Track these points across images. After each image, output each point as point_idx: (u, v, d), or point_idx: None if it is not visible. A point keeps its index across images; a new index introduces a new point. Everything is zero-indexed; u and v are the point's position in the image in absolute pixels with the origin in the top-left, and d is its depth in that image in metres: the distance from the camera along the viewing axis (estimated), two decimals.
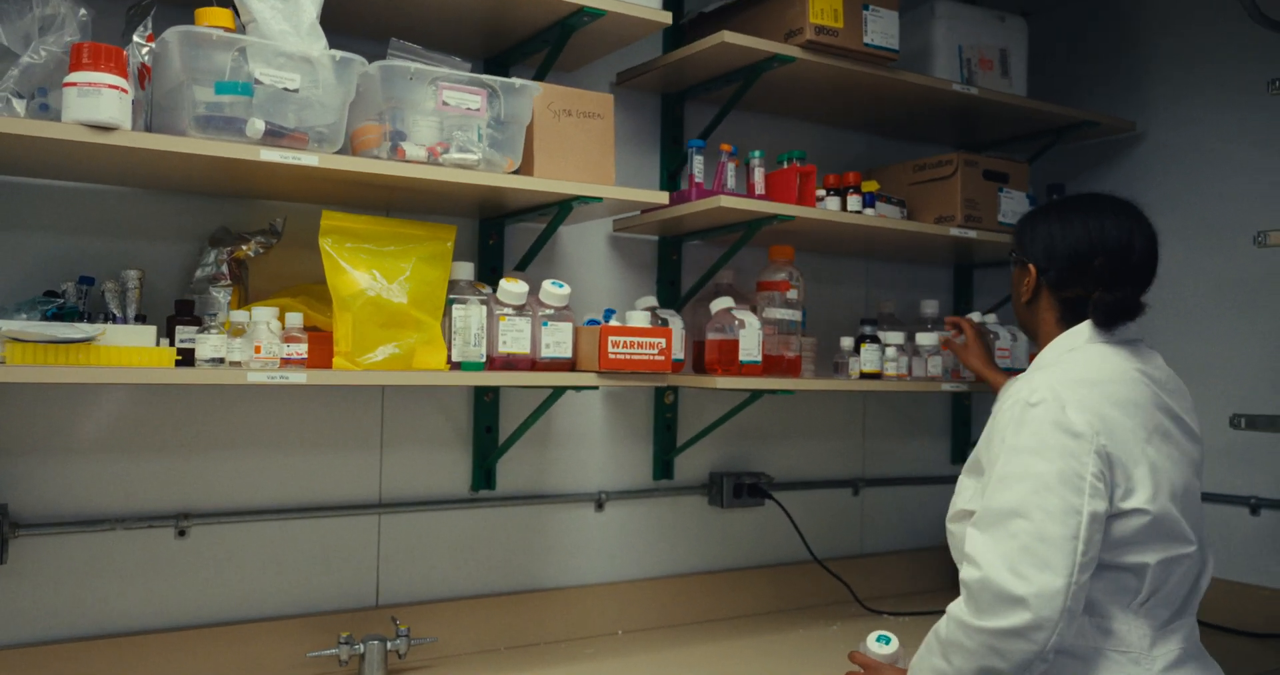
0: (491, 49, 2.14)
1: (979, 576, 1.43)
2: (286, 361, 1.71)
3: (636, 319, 2.00)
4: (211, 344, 1.66)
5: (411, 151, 1.74)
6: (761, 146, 2.44)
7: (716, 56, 2.17)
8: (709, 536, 2.56)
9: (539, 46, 2.07)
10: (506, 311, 1.90)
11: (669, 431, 2.47)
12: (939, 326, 2.58)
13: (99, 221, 1.85)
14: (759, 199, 2.17)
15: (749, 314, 2.20)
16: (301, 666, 1.97)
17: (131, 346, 1.60)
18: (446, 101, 1.75)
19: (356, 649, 1.95)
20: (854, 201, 2.35)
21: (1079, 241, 1.62)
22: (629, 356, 1.93)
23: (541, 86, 1.85)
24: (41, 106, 1.52)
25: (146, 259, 1.87)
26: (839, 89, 2.42)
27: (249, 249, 1.84)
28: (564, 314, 1.95)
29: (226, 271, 1.82)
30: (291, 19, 1.62)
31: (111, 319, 1.72)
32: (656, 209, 2.20)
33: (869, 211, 2.36)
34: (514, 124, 1.83)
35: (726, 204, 2.04)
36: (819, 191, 2.35)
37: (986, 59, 2.65)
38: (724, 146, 2.22)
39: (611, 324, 1.94)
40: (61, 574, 1.82)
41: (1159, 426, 1.55)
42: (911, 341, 2.48)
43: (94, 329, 1.58)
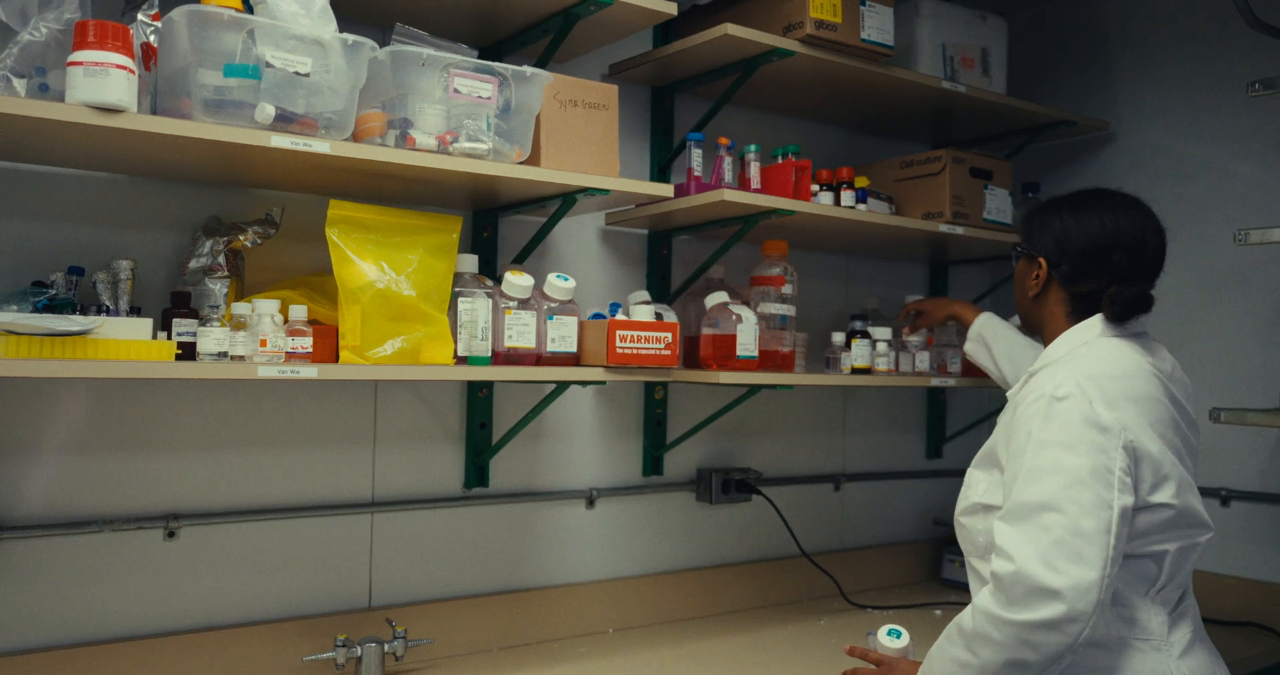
0: (486, 38, 2.09)
1: (1012, 570, 1.42)
2: (291, 355, 1.65)
3: (640, 313, 1.97)
4: (214, 337, 1.60)
5: (421, 140, 1.69)
6: (743, 140, 2.43)
7: (717, 49, 2.15)
8: (697, 533, 2.55)
9: (537, 36, 2.03)
10: (511, 305, 1.86)
11: (659, 427, 2.45)
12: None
13: (85, 209, 1.77)
14: (756, 193, 2.16)
15: (745, 309, 2.19)
16: (297, 671, 1.91)
17: (129, 340, 1.53)
18: (458, 89, 1.71)
19: (354, 652, 1.90)
20: (847, 197, 2.35)
21: (1094, 235, 1.63)
22: (636, 351, 1.91)
23: (552, 76, 1.81)
24: (41, 87, 1.44)
25: (135, 249, 1.80)
26: (831, 84, 2.42)
27: (246, 239, 1.77)
28: (569, 308, 1.92)
29: (224, 263, 1.75)
30: (302, 0, 1.56)
31: (105, 311, 1.64)
32: (651, 202, 2.18)
33: (861, 207, 2.37)
34: (523, 113, 1.79)
35: (730, 198, 2.03)
36: (812, 187, 2.34)
37: (969, 57, 2.68)
38: (722, 140, 2.21)
39: (618, 318, 1.92)
40: (48, 578, 1.73)
41: (1172, 420, 1.57)
42: (899, 337, 2.50)
43: (91, 321, 1.51)
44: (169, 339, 1.63)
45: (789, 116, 2.75)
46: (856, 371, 2.38)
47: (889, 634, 1.81)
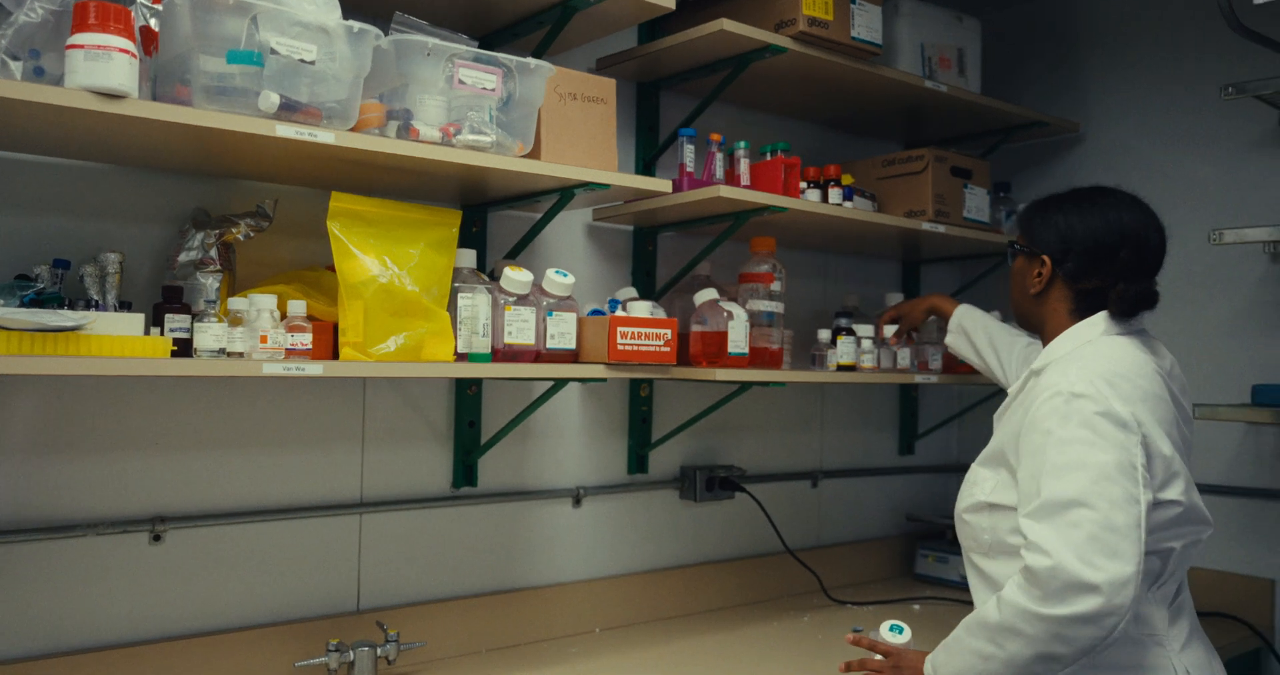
0: (479, 29, 2.05)
1: (1049, 564, 1.40)
2: (291, 352, 1.60)
3: (638, 309, 1.95)
4: (213, 333, 1.54)
5: (426, 132, 1.65)
6: (723, 136, 2.42)
7: (711, 44, 2.14)
8: (681, 530, 2.54)
9: (532, 28, 2.00)
10: (510, 301, 1.83)
11: (644, 425, 2.43)
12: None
13: (67, 199, 1.70)
14: (749, 190, 2.15)
15: (735, 306, 2.18)
16: None
17: (123, 336, 1.47)
18: (463, 80, 1.67)
19: (346, 656, 1.85)
20: (835, 195, 2.36)
21: (1100, 232, 1.64)
22: (636, 347, 1.89)
23: (554, 68, 1.78)
24: (36, 70, 1.37)
25: (118, 241, 1.73)
26: (819, 81, 2.42)
27: (238, 232, 1.72)
28: (568, 304, 1.89)
29: (216, 256, 1.69)
30: None
31: (93, 305, 1.58)
32: (643, 198, 2.16)
33: (847, 205, 2.38)
34: (526, 106, 1.76)
35: (726, 194, 2.02)
36: (800, 184, 2.35)
37: (946, 57, 2.70)
38: (714, 136, 2.20)
39: (619, 314, 1.89)
40: (30, 585, 1.66)
41: (1174, 417, 1.59)
42: (880, 333, 2.51)
43: (83, 317, 1.44)
44: (162, 335, 1.57)
45: (766, 113, 2.74)
46: (842, 369, 2.38)
47: (891, 629, 1.81)
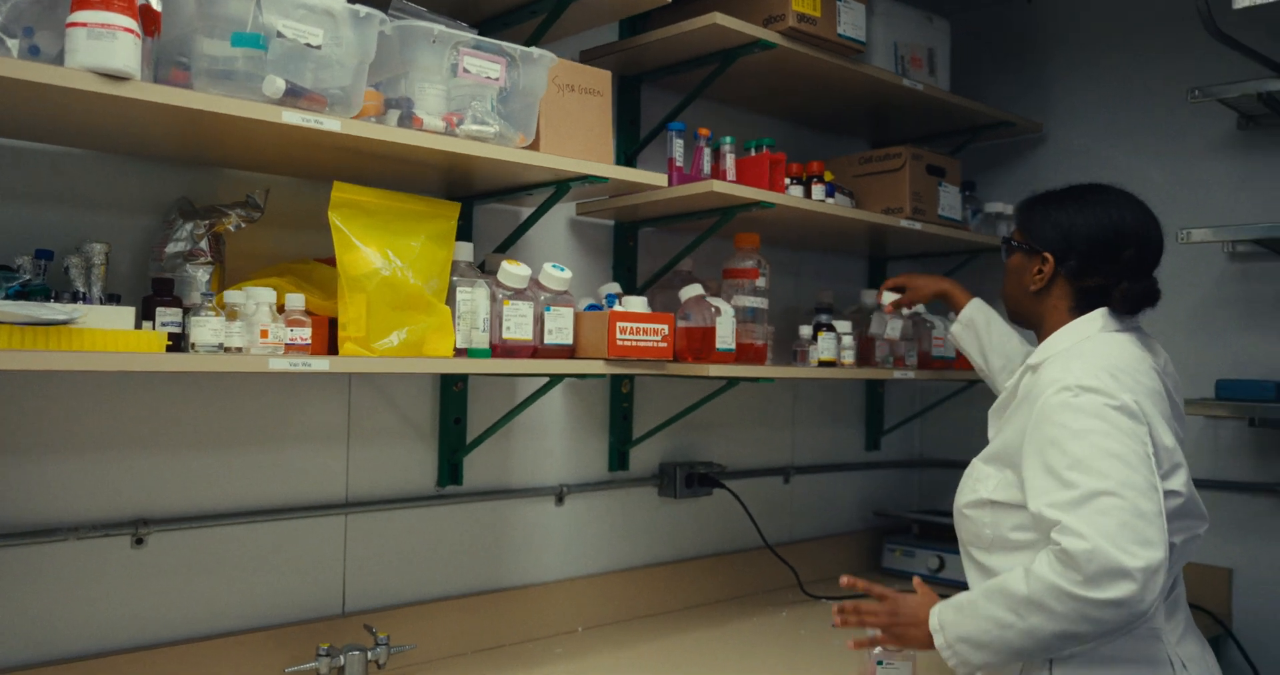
0: (469, 17, 2.00)
1: (1087, 548, 1.40)
2: (291, 347, 1.54)
3: (634, 305, 1.93)
4: (211, 328, 1.48)
5: (429, 122, 1.61)
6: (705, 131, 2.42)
7: (701, 38, 2.12)
8: (661, 527, 2.52)
9: (525, 17, 1.96)
10: (507, 295, 1.79)
11: (626, 422, 2.41)
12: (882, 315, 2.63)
13: (46, 188, 1.61)
14: (738, 185, 2.14)
15: (722, 301, 2.18)
16: None
17: (114, 330, 1.40)
18: (468, 69, 1.63)
19: (337, 661, 1.80)
20: (818, 191, 2.36)
21: (1103, 230, 1.66)
22: (635, 343, 1.87)
23: (556, 58, 1.75)
24: (31, 49, 1.30)
25: (98, 230, 1.65)
26: (800, 78, 2.42)
27: (229, 223, 1.65)
28: (565, 298, 1.86)
29: (207, 248, 1.62)
30: None
31: (80, 298, 1.50)
32: (625, 192, 2.13)
33: (829, 201, 2.39)
34: (527, 97, 1.72)
35: (719, 189, 2.01)
36: (784, 180, 2.35)
37: (917, 57, 2.73)
38: (702, 131, 2.19)
39: (618, 309, 1.87)
40: (6, 592, 1.57)
41: (1170, 414, 1.62)
42: (857, 329, 2.53)
43: (76, 310, 1.38)
44: (154, 329, 1.51)
45: (736, 107, 2.73)
46: (823, 364, 2.39)
47: None
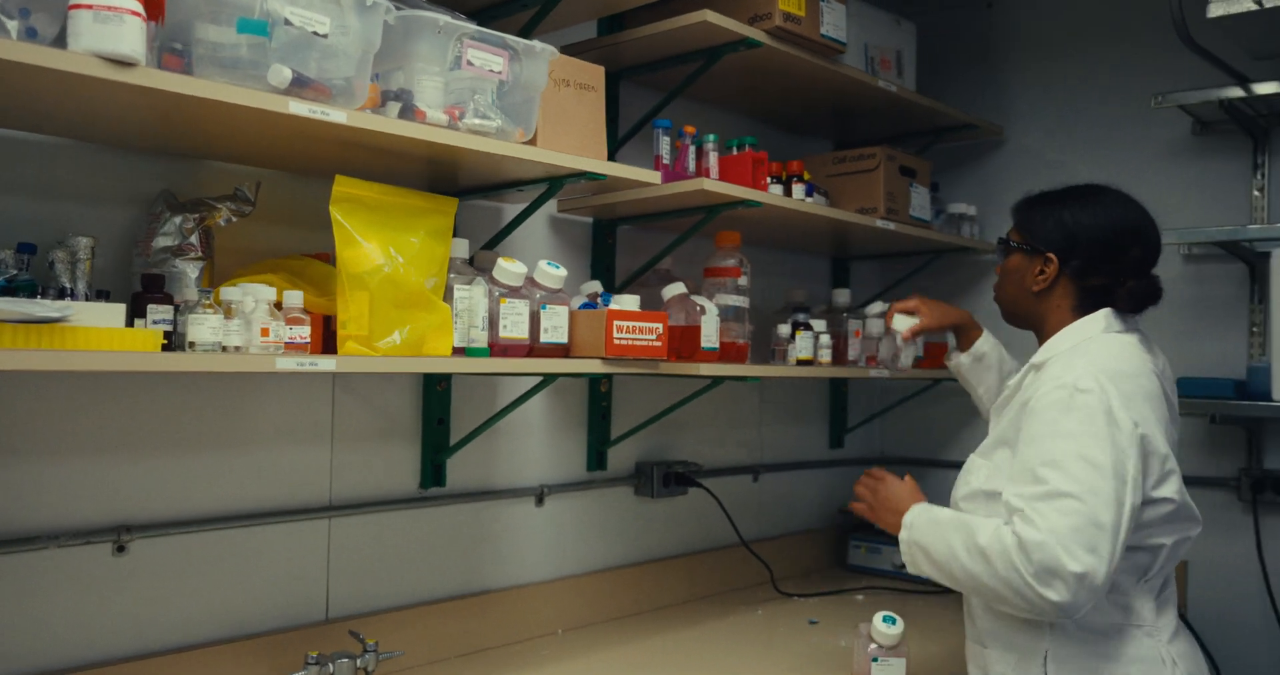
0: (458, 8, 1.96)
1: (1038, 539, 1.46)
2: (291, 346, 1.49)
3: (628, 303, 1.91)
4: (210, 326, 1.42)
5: (432, 115, 1.56)
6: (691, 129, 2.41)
7: (687, 35, 2.11)
8: (638, 527, 2.51)
9: (515, 9, 1.93)
10: (503, 293, 1.76)
11: (604, 421, 2.39)
12: (855, 315, 2.66)
13: (20, 177, 1.53)
14: (728, 184, 2.14)
15: (706, 300, 2.17)
16: None
17: (108, 328, 1.34)
18: (471, 61, 1.59)
19: (326, 669, 1.74)
20: (798, 190, 2.37)
21: (1107, 229, 1.67)
22: (631, 342, 1.85)
23: (557, 52, 1.72)
24: (28, 31, 1.23)
25: (78, 223, 1.58)
26: (781, 77, 2.43)
27: (219, 217, 1.59)
28: (560, 297, 1.84)
29: (198, 242, 1.56)
30: None
31: (67, 294, 1.43)
32: (606, 190, 2.11)
33: (808, 201, 2.40)
34: (528, 91, 1.69)
35: (709, 187, 2.00)
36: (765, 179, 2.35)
37: (886, 59, 2.75)
38: (687, 129, 2.18)
39: (614, 308, 1.85)
40: None
41: (1168, 418, 1.64)
42: (832, 328, 2.54)
43: (67, 307, 1.31)
44: (148, 327, 1.44)
45: (704, 104, 2.72)
46: (801, 363, 2.40)
47: (884, 620, 1.84)
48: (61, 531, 1.56)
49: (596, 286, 2.22)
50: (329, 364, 1.42)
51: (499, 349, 1.75)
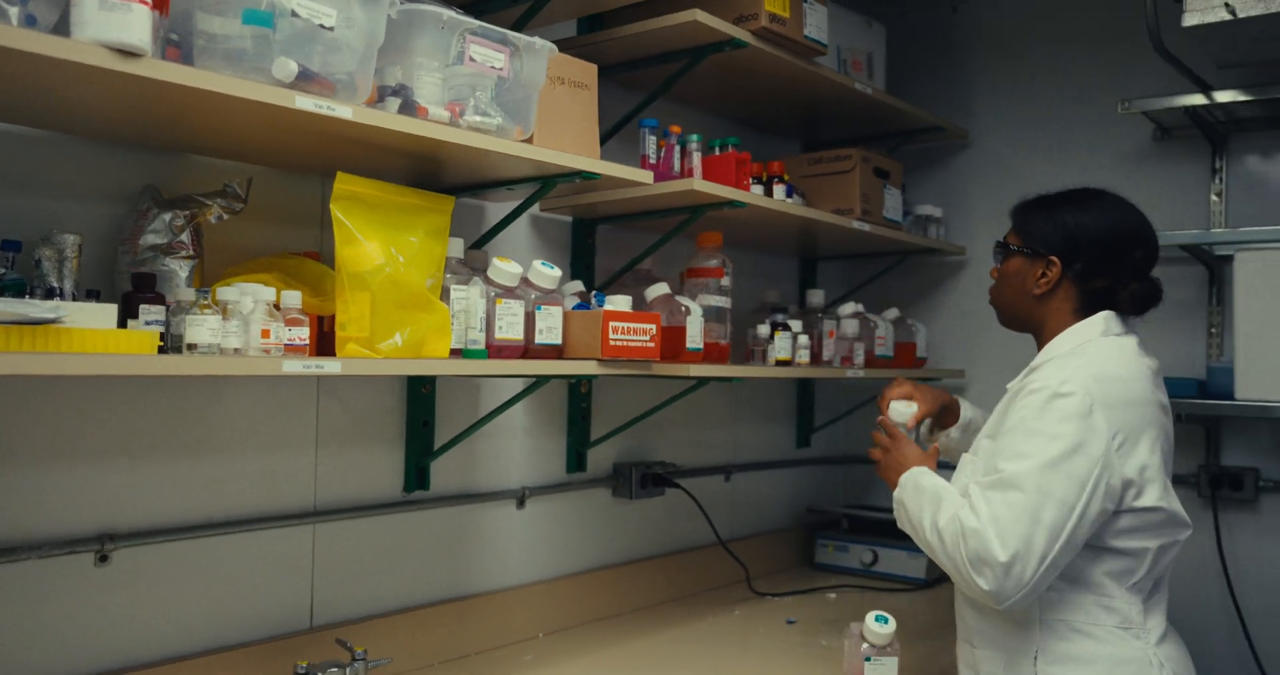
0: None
1: (975, 526, 1.54)
2: (290, 347, 1.45)
3: (621, 304, 1.90)
4: (209, 327, 1.37)
5: (434, 112, 1.53)
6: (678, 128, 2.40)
7: (674, 35, 2.10)
8: (615, 528, 2.49)
9: (504, 4, 1.90)
10: (499, 294, 1.73)
11: (584, 422, 2.37)
12: (829, 314, 2.67)
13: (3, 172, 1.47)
14: (717, 184, 2.13)
15: (691, 301, 2.16)
16: None
17: (104, 330, 1.28)
18: (474, 57, 1.56)
19: None
20: (779, 191, 2.37)
21: (1109, 232, 1.68)
22: (626, 343, 1.83)
23: (556, 49, 1.69)
24: (28, 18, 1.17)
25: (58, 219, 1.51)
26: (762, 77, 2.42)
27: (210, 214, 1.54)
28: (554, 297, 1.81)
29: (189, 241, 1.51)
30: None
31: (55, 294, 1.37)
32: (591, 189, 2.08)
33: (788, 201, 2.40)
34: (527, 88, 1.66)
35: (699, 188, 1.99)
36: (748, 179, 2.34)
37: (858, 61, 2.78)
38: (674, 128, 2.16)
39: (610, 309, 1.83)
40: None
41: (1161, 422, 1.65)
42: (808, 327, 2.55)
43: (60, 308, 1.25)
44: (142, 328, 1.39)
45: (673, 102, 2.69)
46: (780, 364, 2.41)
47: (877, 620, 1.85)
48: (43, 541, 1.49)
49: (578, 286, 2.20)
50: (334, 367, 1.38)
51: (494, 350, 1.72)
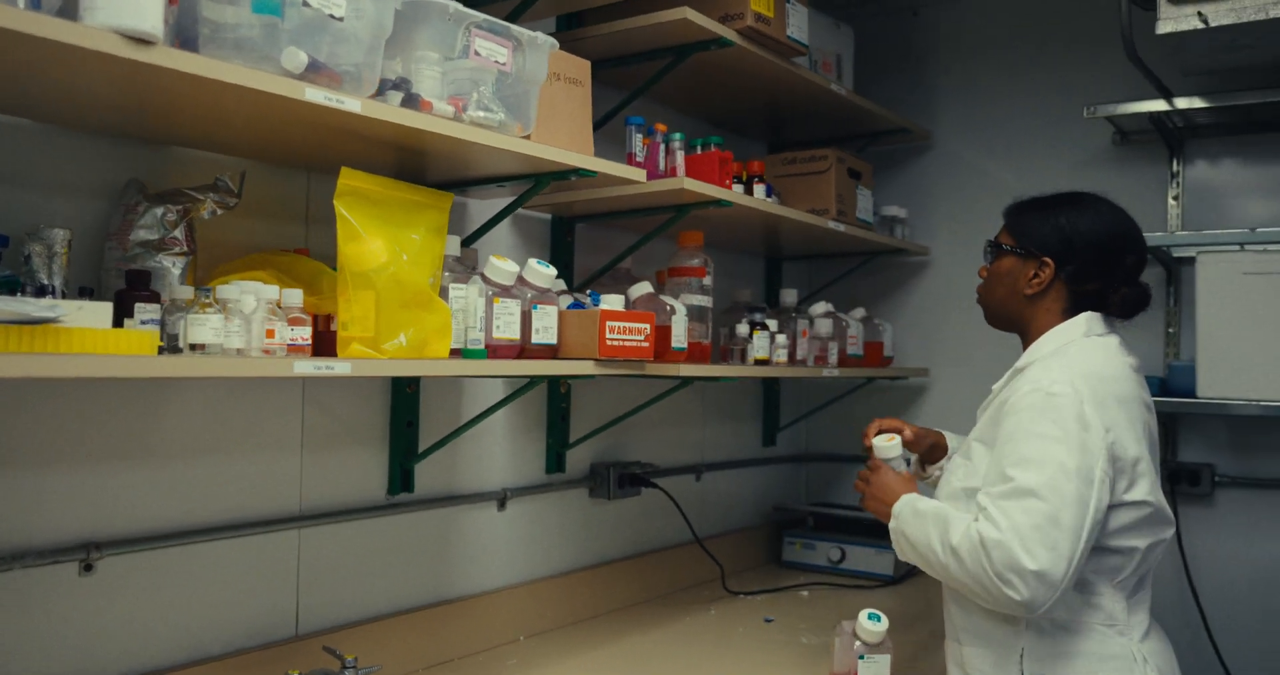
0: None
1: (997, 537, 1.51)
2: (293, 347, 1.40)
3: (614, 303, 1.88)
4: (213, 327, 1.32)
5: (439, 107, 1.50)
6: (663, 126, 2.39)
7: (661, 32, 2.09)
8: (593, 529, 2.47)
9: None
10: (496, 293, 1.70)
11: (564, 423, 2.35)
12: (802, 313, 2.68)
13: None
14: (706, 183, 2.12)
15: (675, 300, 2.15)
16: None
17: (104, 329, 1.23)
18: (479, 51, 1.53)
19: None
20: (759, 190, 2.37)
21: (1104, 235, 1.70)
22: (622, 343, 1.81)
23: (557, 44, 1.67)
24: (32, 1, 1.11)
25: (41, 214, 1.44)
26: (743, 76, 2.42)
27: (203, 210, 1.48)
28: (549, 296, 1.79)
29: (182, 236, 1.45)
30: None
31: (49, 292, 1.31)
32: (573, 187, 2.06)
33: (768, 201, 2.41)
34: (528, 83, 1.64)
35: (690, 187, 1.98)
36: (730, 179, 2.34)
37: (828, 62, 2.80)
38: (659, 126, 2.15)
39: (606, 308, 1.81)
40: None
41: (1146, 420, 1.69)
42: (782, 327, 2.56)
43: (57, 306, 1.20)
44: (137, 327, 1.33)
45: (644, 100, 2.69)
46: (758, 363, 2.41)
47: (870, 618, 1.86)
48: (27, 551, 1.42)
49: (561, 285, 2.18)
50: (344, 368, 1.34)
51: (491, 350, 1.69)
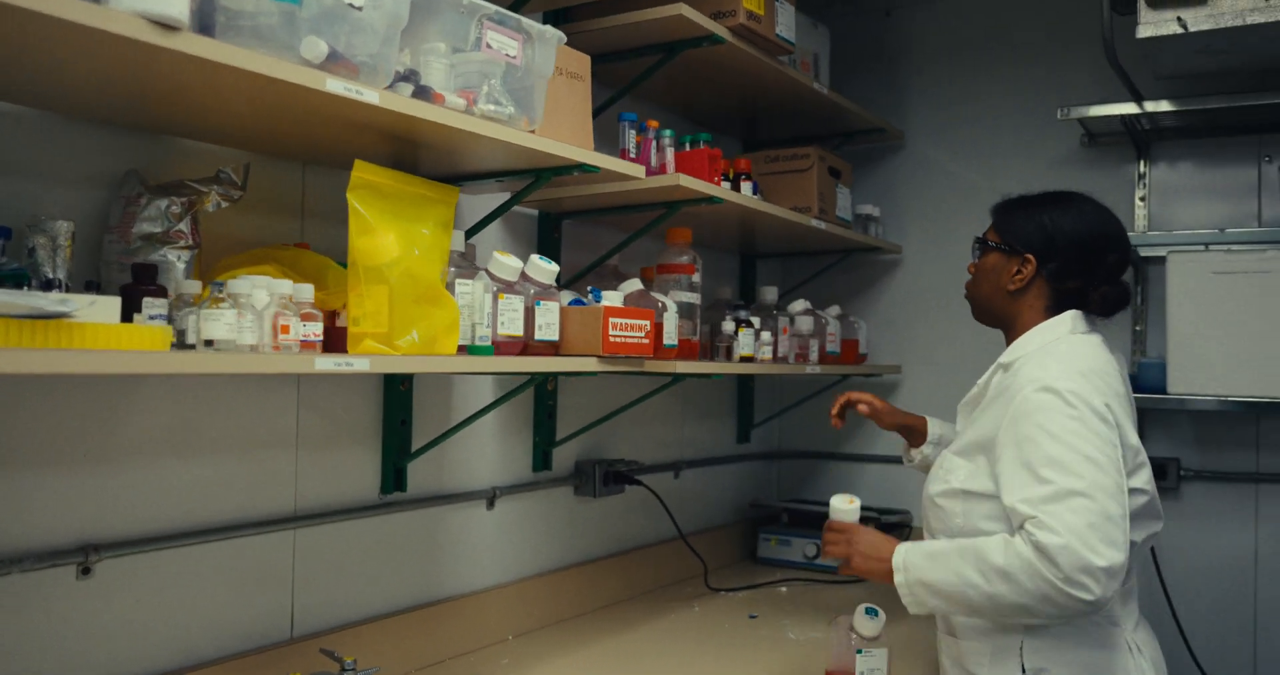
0: None
1: (1061, 543, 1.47)
2: (306, 344, 1.37)
3: (614, 300, 1.87)
4: (226, 322, 1.28)
5: (450, 100, 1.47)
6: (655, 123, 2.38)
7: (654, 28, 2.08)
8: (578, 527, 2.46)
9: None
10: (500, 289, 1.68)
11: (551, 421, 2.33)
12: (782, 311, 2.70)
13: None
14: (700, 180, 2.12)
15: (665, 297, 2.15)
16: None
17: (117, 324, 1.19)
18: (490, 43, 1.51)
19: None
20: (746, 188, 2.38)
21: (1087, 234, 1.73)
22: (624, 339, 1.81)
23: (565, 38, 1.65)
24: None
25: (38, 204, 1.39)
26: (729, 73, 2.43)
27: (208, 202, 1.44)
28: (551, 292, 1.77)
29: (188, 229, 1.41)
30: None
31: (55, 286, 1.27)
32: (564, 183, 2.04)
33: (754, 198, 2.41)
34: (536, 77, 1.62)
35: (685, 183, 1.98)
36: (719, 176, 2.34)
37: (806, 61, 2.81)
38: (651, 123, 2.15)
39: (609, 305, 1.80)
40: None
41: (1131, 414, 1.72)
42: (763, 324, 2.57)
43: (68, 300, 1.16)
44: (145, 322, 1.29)
45: (634, 98, 2.69)
46: (744, 360, 2.42)
47: (867, 613, 1.87)
48: (24, 555, 1.38)
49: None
50: (363, 364, 1.32)
51: (496, 346, 1.67)
